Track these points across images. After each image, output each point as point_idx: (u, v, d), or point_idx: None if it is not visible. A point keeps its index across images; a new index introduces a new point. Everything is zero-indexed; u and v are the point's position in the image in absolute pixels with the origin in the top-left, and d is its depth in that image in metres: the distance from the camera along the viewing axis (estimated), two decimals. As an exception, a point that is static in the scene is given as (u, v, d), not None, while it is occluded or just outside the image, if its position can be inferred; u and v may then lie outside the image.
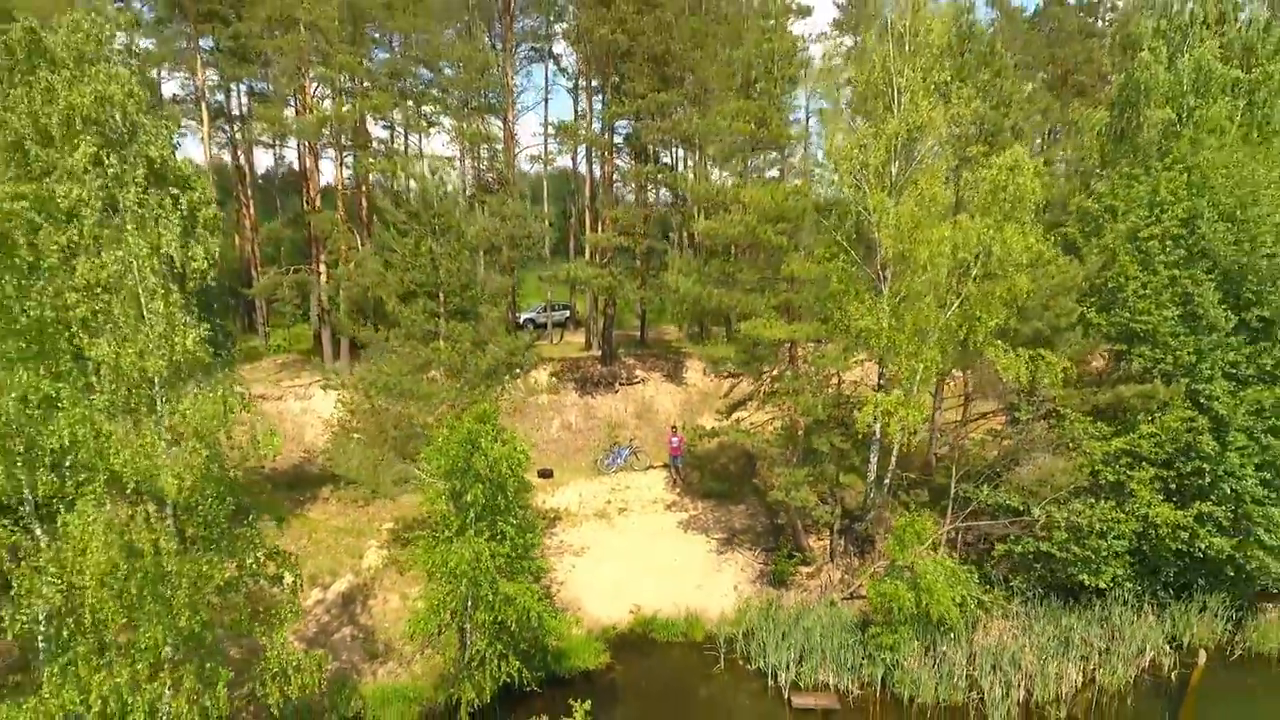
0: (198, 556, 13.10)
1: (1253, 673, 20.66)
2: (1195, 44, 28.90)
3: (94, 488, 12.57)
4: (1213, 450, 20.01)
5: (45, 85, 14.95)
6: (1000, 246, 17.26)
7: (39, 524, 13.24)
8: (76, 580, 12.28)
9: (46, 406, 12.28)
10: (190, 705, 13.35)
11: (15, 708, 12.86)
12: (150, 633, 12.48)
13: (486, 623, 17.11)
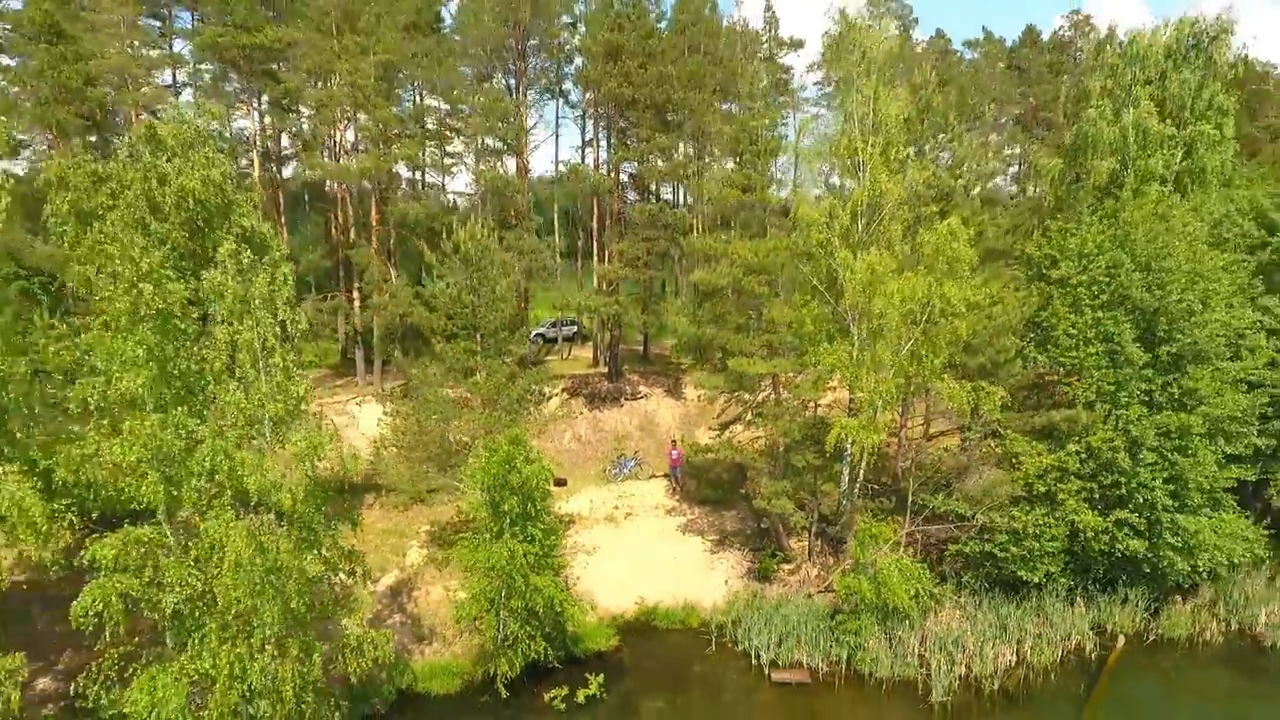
0: (301, 553, 16.80)
1: (1164, 655, 24.31)
2: (1136, 103, 32.65)
3: (224, 500, 16.32)
4: (1128, 466, 23.67)
5: (160, 172, 18.80)
6: (940, 300, 20.93)
7: (169, 527, 16.97)
8: (212, 572, 16.01)
9: (191, 438, 16.00)
10: (293, 671, 17.04)
11: (162, 670, 16.57)
12: (268, 613, 16.17)
13: (519, 609, 20.81)
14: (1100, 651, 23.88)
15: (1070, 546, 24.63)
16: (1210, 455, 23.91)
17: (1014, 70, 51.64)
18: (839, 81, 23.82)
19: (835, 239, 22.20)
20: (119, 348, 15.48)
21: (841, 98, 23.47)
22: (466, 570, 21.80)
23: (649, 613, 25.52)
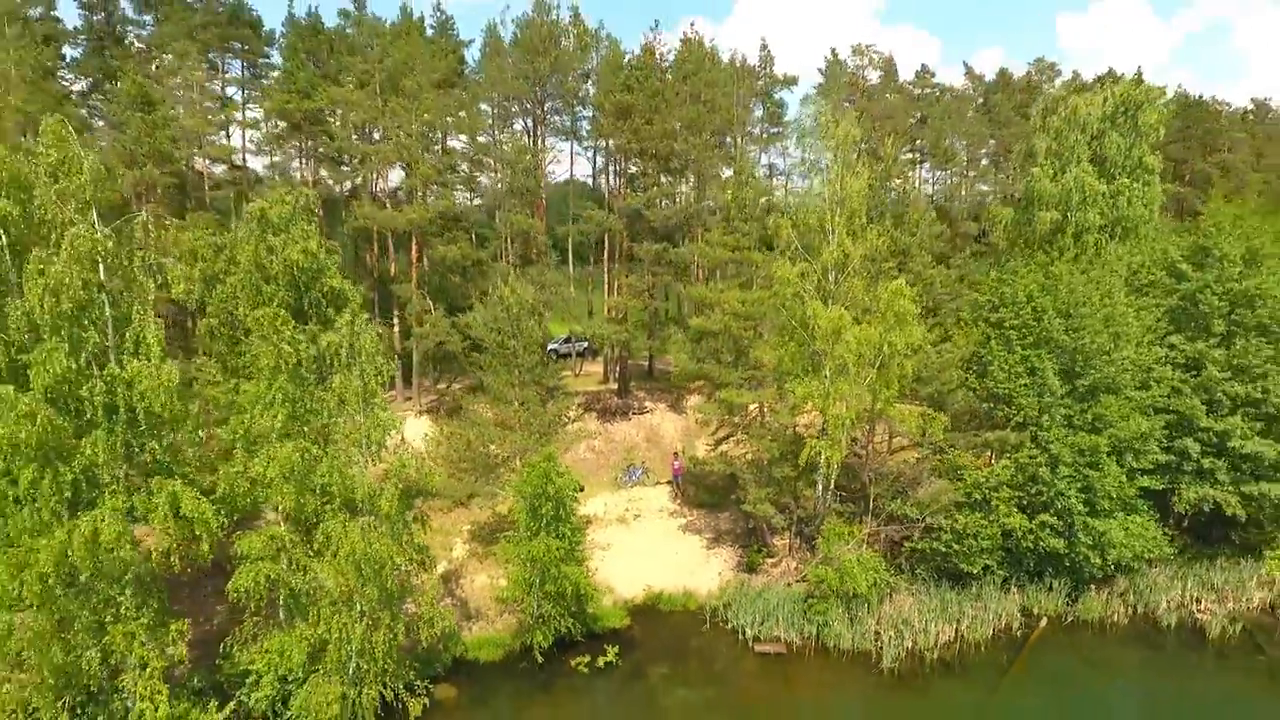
0: (392, 547, 22.01)
1: (1079, 634, 29.45)
2: (1078, 161, 37.86)
3: (335, 505, 21.57)
4: (1049, 478, 28.83)
5: (269, 245, 24.12)
6: (888, 346, 26.09)
7: (292, 527, 22.23)
8: (329, 559, 21.23)
9: (313, 459, 21.24)
10: (384, 638, 22.25)
11: (287, 636, 21.82)
12: (369, 592, 21.40)
13: (551, 593, 26.01)
14: (1025, 630, 29.06)
15: (1005, 544, 29.78)
16: (1116, 469, 29.04)
17: (986, 113, 56.72)
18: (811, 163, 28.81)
19: (806, 294, 27.38)
20: (263, 393, 20.78)
21: (812, 177, 28.57)
22: (507, 561, 27.02)
23: (655, 598, 30.74)
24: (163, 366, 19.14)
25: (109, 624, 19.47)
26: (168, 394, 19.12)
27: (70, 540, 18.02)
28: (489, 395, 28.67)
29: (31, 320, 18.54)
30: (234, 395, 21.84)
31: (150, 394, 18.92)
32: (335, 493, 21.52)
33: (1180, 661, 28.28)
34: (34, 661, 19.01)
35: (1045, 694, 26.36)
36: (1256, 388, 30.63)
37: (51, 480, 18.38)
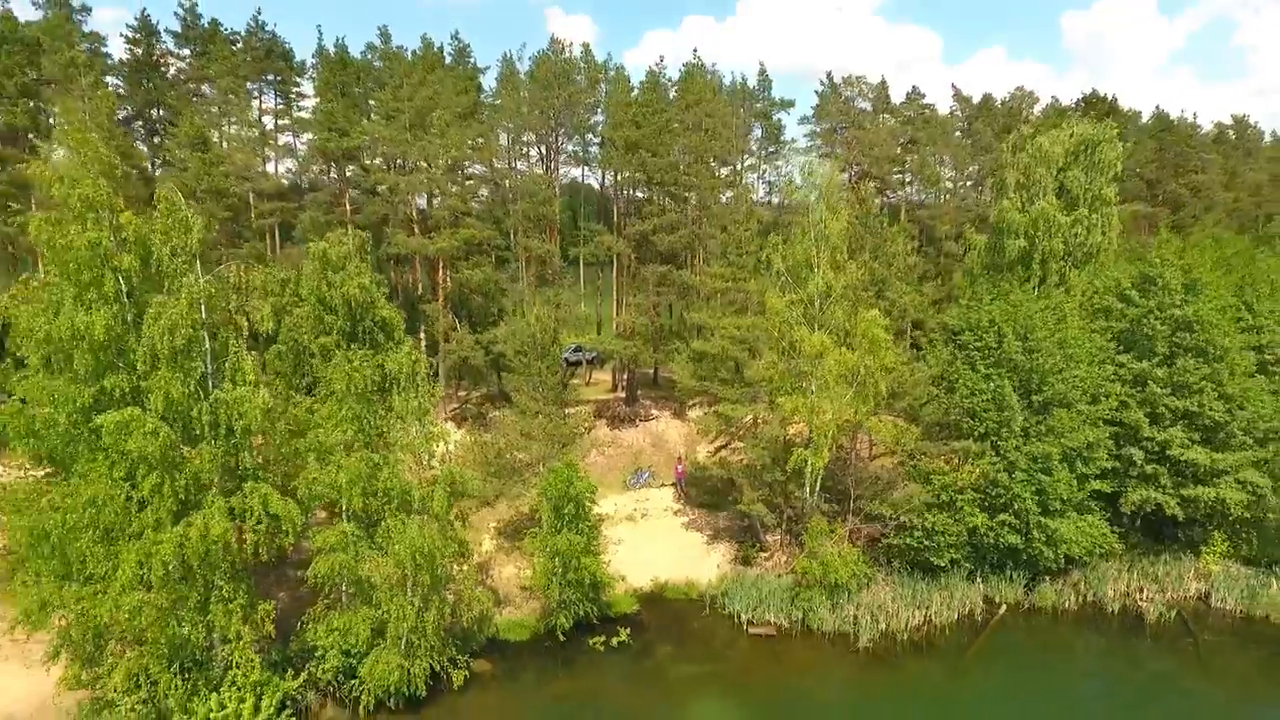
0: (441, 541, 26.01)
1: (1035, 619, 33.44)
2: (1044, 192, 41.80)
3: (393, 506, 25.60)
4: (1007, 482, 32.78)
5: (329, 280, 28.21)
6: (864, 367, 30.05)
7: (356, 524, 26.25)
8: (391, 550, 25.22)
9: (376, 467, 25.26)
10: (434, 617, 26.25)
11: (352, 615, 25.84)
12: (424, 578, 25.42)
13: (571, 581, 30.02)
14: (986, 616, 33.05)
15: (969, 540, 33.74)
16: (1066, 474, 32.98)
17: (969, 138, 60.61)
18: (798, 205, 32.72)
19: (794, 320, 31.35)
20: (334, 411, 24.83)
21: (800, 219, 32.51)
22: (533, 554, 31.06)
23: (661, 587, 34.75)
24: (257, 391, 23.19)
25: (212, 604, 23.53)
26: (261, 414, 23.18)
27: (186, 534, 22.07)
28: (515, 408, 32.69)
29: (151, 353, 22.56)
30: (309, 413, 25.87)
31: (248, 414, 22.98)
32: (394, 495, 25.57)
33: (1121, 644, 32.25)
34: (151, 635, 23.03)
35: (1002, 672, 30.33)
36: (1193, 402, 34.55)
37: (168, 485, 22.43)
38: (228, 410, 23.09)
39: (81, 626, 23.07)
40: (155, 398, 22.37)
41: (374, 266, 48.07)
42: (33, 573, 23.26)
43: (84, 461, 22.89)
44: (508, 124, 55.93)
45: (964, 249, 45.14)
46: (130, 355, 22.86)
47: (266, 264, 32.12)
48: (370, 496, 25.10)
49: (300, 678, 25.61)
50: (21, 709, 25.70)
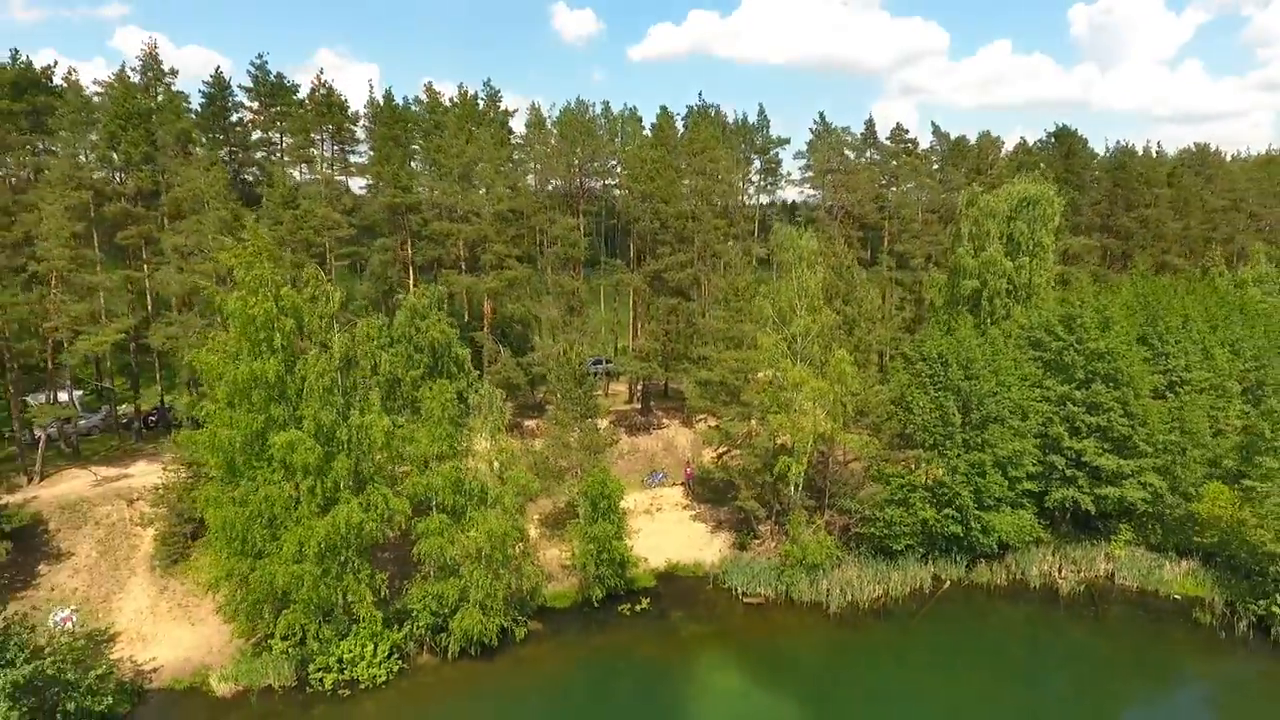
0: (509, 528, 34.31)
1: (971, 592, 41.65)
2: (991, 240, 49.92)
3: (474, 501, 33.97)
4: (950, 483, 40.97)
5: (417, 326, 36.50)
6: (833, 395, 38.26)
7: (447, 515, 34.59)
8: (472, 535, 33.55)
9: (462, 473, 33.60)
10: (504, 585, 34.59)
11: (443, 584, 34.16)
12: (498, 555, 33.76)
13: (605, 560, 38.33)
14: (933, 589, 41.31)
15: (921, 529, 41.95)
16: (998, 477, 41.12)
17: (941, 181, 68.51)
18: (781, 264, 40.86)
19: (780, 355, 39.58)
20: (432, 430, 33.20)
21: (784, 275, 40.64)
22: (574, 539, 39.38)
23: (673, 566, 43.06)
24: (381, 418, 31.56)
25: (346, 574, 31.92)
26: (383, 435, 31.54)
27: (334, 522, 30.46)
28: (555, 422, 41.03)
29: (306, 390, 30.88)
30: (412, 433, 34.18)
31: (373, 435, 31.34)
32: (474, 493, 33.94)
33: (1039, 612, 40.44)
34: (303, 596, 31.36)
35: (944, 633, 38.54)
36: (1104, 419, 42.66)
37: (319, 486, 30.81)
38: (359, 432, 31.47)
39: (250, 591, 31.51)
40: (308, 423, 30.76)
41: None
42: (216, 552, 31.70)
43: (254, 469, 31.29)
44: (537, 166, 64.21)
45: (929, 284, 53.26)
46: (288, 391, 31.22)
47: (350, 308, 40.32)
48: (457, 494, 33.47)
49: (403, 630, 34.01)
50: (195, 653, 34.22)
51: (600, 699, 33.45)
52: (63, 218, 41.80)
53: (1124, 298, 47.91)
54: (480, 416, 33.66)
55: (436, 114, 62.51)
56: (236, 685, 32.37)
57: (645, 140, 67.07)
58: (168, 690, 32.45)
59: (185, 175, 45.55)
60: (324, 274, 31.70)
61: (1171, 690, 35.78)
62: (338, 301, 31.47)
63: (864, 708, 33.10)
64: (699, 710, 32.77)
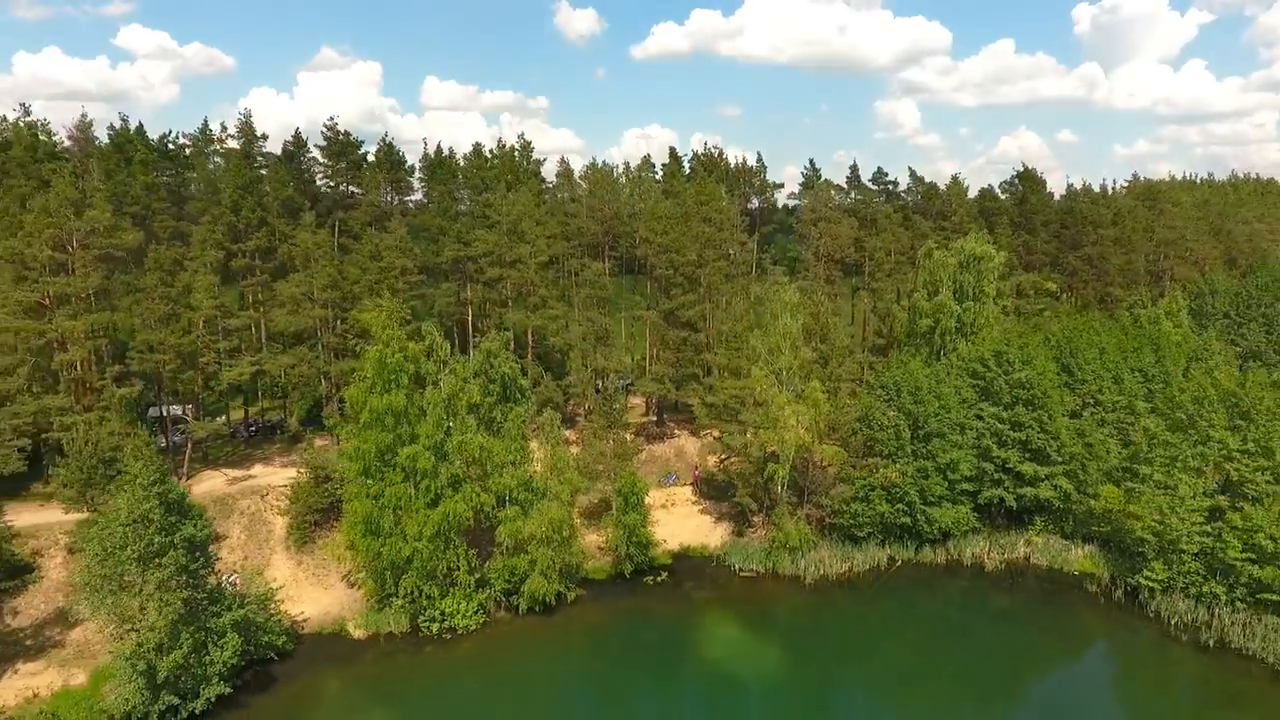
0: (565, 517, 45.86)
1: (918, 569, 53.12)
2: (942, 290, 61.49)
3: (537, 495, 45.62)
4: (902, 483, 52.48)
5: (490, 363, 48.32)
6: (810, 416, 49.78)
7: (520, 507, 46.21)
8: (540, 523, 45.12)
9: (529, 475, 45.24)
10: (559, 560, 46.15)
11: (517, 559, 45.80)
12: (556, 536, 45.35)
13: (634, 542, 49.92)
14: (888, 566, 52.82)
15: (880, 520, 53.44)
16: (940, 479, 52.59)
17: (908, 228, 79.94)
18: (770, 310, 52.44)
19: (769, 384, 51.12)
20: (509, 443, 44.88)
21: (768, 323, 52.18)
22: (608, 527, 50.99)
23: (685, 549, 54.62)
24: (477, 435, 43.20)
25: (449, 550, 43.53)
26: (479, 448, 43.19)
27: (446, 511, 42.09)
28: (590, 434, 52.61)
29: (420, 414, 42.50)
30: (492, 446, 45.70)
31: (470, 447, 42.97)
32: (539, 490, 45.58)
33: (969, 584, 51.87)
34: (417, 565, 42.95)
35: (894, 600, 49.97)
36: (1024, 434, 54.09)
37: (432, 485, 42.47)
38: (460, 446, 43.13)
39: (378, 562, 43.14)
40: (423, 440, 42.41)
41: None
42: (355, 534, 43.33)
43: (384, 473, 42.92)
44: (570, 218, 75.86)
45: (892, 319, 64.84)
46: (410, 416, 42.89)
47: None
48: (526, 492, 45.11)
49: (486, 592, 45.59)
50: (332, 609, 45.83)
51: (631, 646, 45.02)
52: (206, 274, 53.55)
53: (1054, 333, 59.41)
54: (543, 434, 45.28)
55: (482, 168, 74.16)
56: (367, 631, 44.04)
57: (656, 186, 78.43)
58: (316, 635, 44.09)
59: (298, 238, 57.18)
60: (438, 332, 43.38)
61: (1066, 640, 47.09)
62: (444, 352, 43.08)
63: (832, 655, 44.56)
64: (704, 654, 44.40)
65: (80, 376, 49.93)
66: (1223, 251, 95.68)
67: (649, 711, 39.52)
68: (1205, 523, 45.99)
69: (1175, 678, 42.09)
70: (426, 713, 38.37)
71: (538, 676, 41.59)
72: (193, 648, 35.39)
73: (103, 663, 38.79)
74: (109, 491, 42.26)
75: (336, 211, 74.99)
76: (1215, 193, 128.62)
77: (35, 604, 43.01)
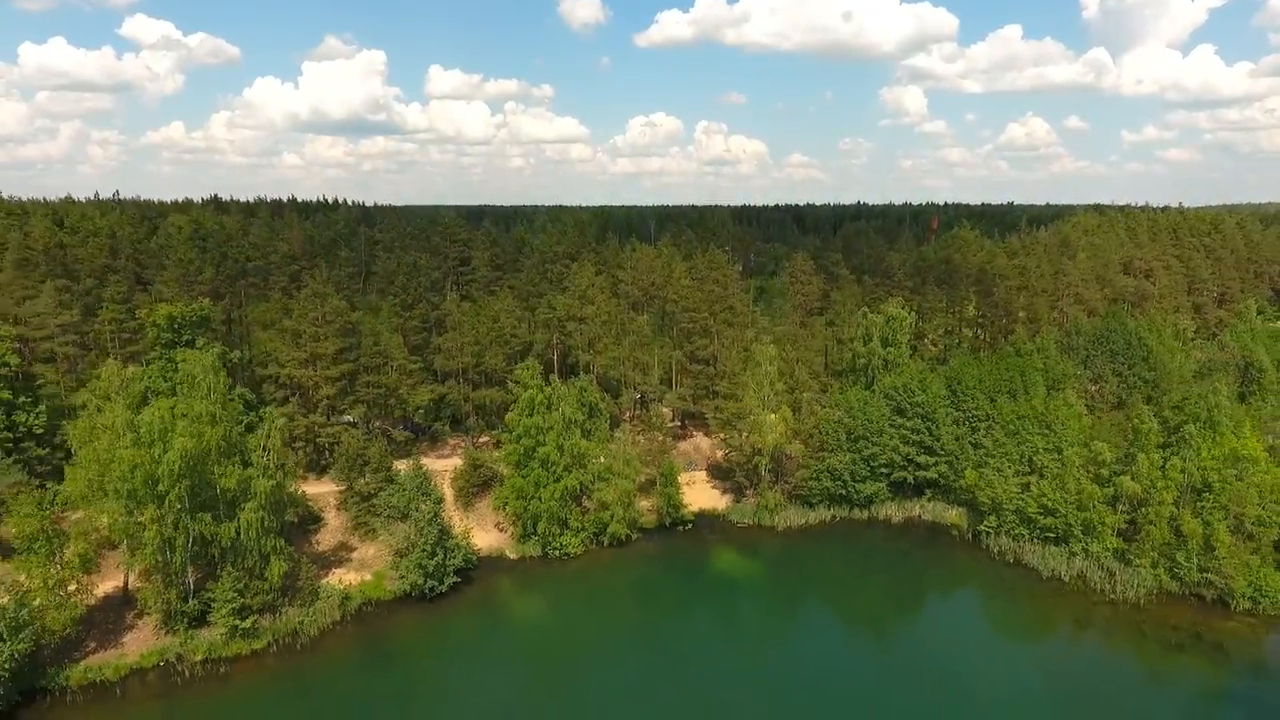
0: (633, 487, 75.41)
1: (852, 525, 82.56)
2: (873, 340, 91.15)
3: (617, 474, 75.32)
4: (840, 469, 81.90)
5: (562, 404, 78.69)
6: (781, 426, 78.95)
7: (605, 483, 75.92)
8: (616, 492, 74.75)
9: (597, 470, 74.89)
10: (630, 515, 75.77)
11: (603, 513, 75.52)
12: (625, 499, 74.93)
13: (670, 506, 79.52)
14: (832, 520, 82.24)
15: (827, 493, 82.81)
16: (865, 466, 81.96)
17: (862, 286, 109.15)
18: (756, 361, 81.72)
19: (756, 404, 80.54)
20: (600, 447, 74.70)
21: (754, 368, 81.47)
22: (655, 496, 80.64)
23: (702, 510, 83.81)
24: (579, 440, 72.95)
25: (566, 507, 73.26)
26: (581, 449, 72.94)
27: (565, 485, 71.83)
28: (640, 434, 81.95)
29: (549, 428, 72.20)
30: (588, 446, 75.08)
31: (581, 449, 72.74)
32: (617, 471, 75.27)
33: (883, 533, 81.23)
34: (548, 514, 72.63)
35: (834, 543, 79.27)
36: (921, 437, 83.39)
37: (555, 470, 72.26)
38: (570, 446, 72.89)
39: (524, 515, 73.02)
40: (550, 443, 72.16)
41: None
42: (509, 498, 73.11)
43: (528, 464, 72.67)
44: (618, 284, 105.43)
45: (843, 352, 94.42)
46: (543, 428, 72.67)
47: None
48: (608, 473, 74.81)
49: (585, 533, 75.28)
50: (493, 543, 75.61)
51: (670, 564, 74.48)
52: (395, 335, 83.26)
53: (950, 368, 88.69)
54: (619, 443, 74.75)
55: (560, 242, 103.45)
56: (518, 555, 73.71)
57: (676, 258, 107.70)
58: (486, 558, 73.80)
59: (447, 308, 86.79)
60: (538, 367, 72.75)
61: (937, 565, 76.21)
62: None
63: (793, 572, 73.97)
64: (714, 568, 74.01)
65: (331, 404, 79.73)
66: (1104, 296, 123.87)
67: (680, 595, 69.22)
68: (1019, 494, 75.30)
69: (993, 580, 71.39)
70: (557, 595, 68.16)
71: (616, 579, 71.20)
72: (441, 554, 65.15)
73: (378, 569, 68.65)
74: (361, 473, 72.01)
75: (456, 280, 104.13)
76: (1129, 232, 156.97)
77: (326, 539, 72.86)
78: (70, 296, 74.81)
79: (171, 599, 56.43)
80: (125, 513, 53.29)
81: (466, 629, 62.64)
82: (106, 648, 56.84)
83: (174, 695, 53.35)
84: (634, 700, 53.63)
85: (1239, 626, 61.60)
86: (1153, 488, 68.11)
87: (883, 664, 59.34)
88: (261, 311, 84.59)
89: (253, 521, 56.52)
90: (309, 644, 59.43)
